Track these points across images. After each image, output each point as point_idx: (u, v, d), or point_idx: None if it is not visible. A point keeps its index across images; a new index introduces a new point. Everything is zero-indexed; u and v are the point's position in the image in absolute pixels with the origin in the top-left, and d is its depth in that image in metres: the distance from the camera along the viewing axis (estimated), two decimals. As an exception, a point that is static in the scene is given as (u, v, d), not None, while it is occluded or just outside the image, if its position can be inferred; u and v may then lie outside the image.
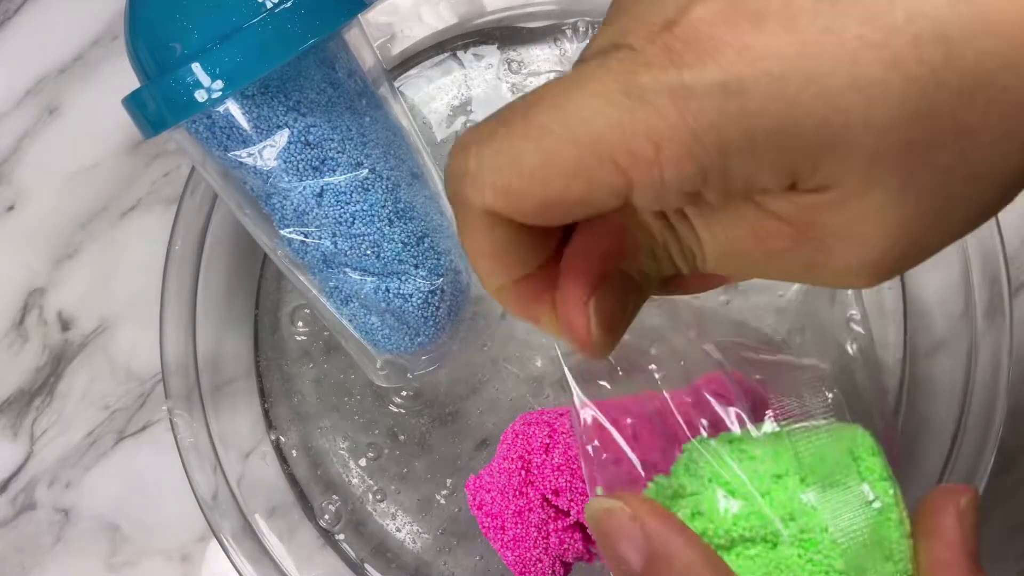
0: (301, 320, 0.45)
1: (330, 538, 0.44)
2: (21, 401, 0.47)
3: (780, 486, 0.29)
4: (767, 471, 0.29)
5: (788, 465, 0.29)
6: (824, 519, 0.28)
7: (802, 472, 0.29)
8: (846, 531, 0.29)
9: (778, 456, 0.30)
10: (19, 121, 0.48)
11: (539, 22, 0.46)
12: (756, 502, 0.28)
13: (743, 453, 0.30)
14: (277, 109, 0.34)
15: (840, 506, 0.29)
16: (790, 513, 0.28)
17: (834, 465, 0.30)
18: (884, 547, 0.29)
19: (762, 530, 0.28)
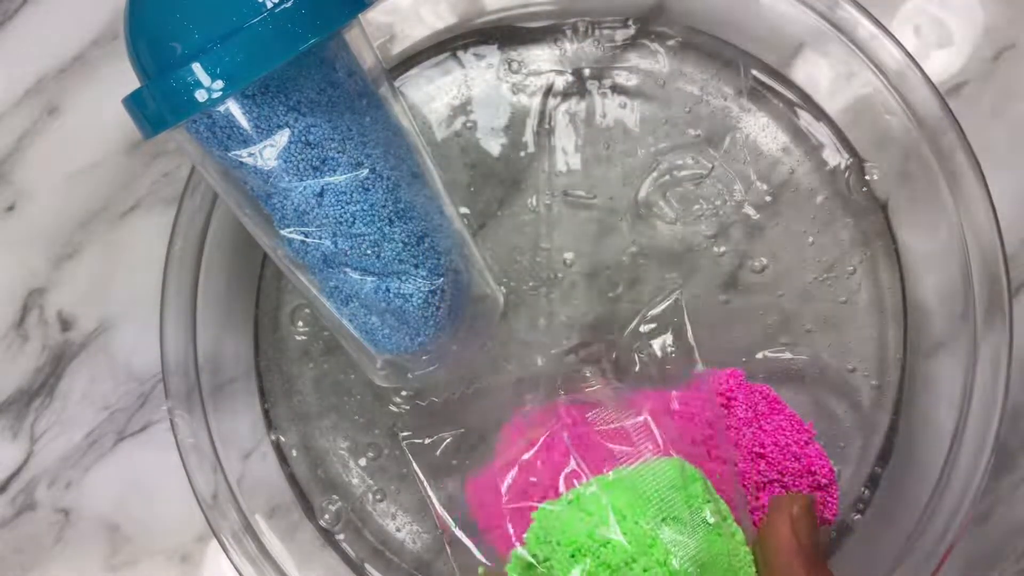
0: (301, 320, 0.45)
1: (330, 538, 0.44)
2: (21, 401, 0.47)
3: (618, 533, 0.32)
4: (603, 520, 0.33)
5: (624, 510, 0.33)
6: (663, 551, 0.32)
7: (636, 513, 0.33)
8: (684, 558, 0.32)
9: (615, 503, 0.33)
10: (19, 121, 0.48)
11: (539, 22, 0.46)
12: (600, 553, 0.32)
13: (582, 511, 0.33)
14: (277, 109, 0.34)
15: (675, 535, 0.32)
16: (632, 556, 0.32)
17: (665, 498, 0.33)
18: (722, 560, 0.33)
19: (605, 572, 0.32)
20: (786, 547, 0.34)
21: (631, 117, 0.45)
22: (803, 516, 0.35)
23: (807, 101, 0.45)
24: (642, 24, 0.46)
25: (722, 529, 0.34)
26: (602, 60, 0.46)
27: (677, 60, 0.46)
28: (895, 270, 0.44)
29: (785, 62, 0.45)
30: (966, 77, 0.47)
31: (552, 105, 0.45)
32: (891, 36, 0.42)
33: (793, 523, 0.34)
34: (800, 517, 0.35)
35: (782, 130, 0.45)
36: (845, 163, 0.45)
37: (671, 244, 0.44)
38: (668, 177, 0.45)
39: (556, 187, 0.45)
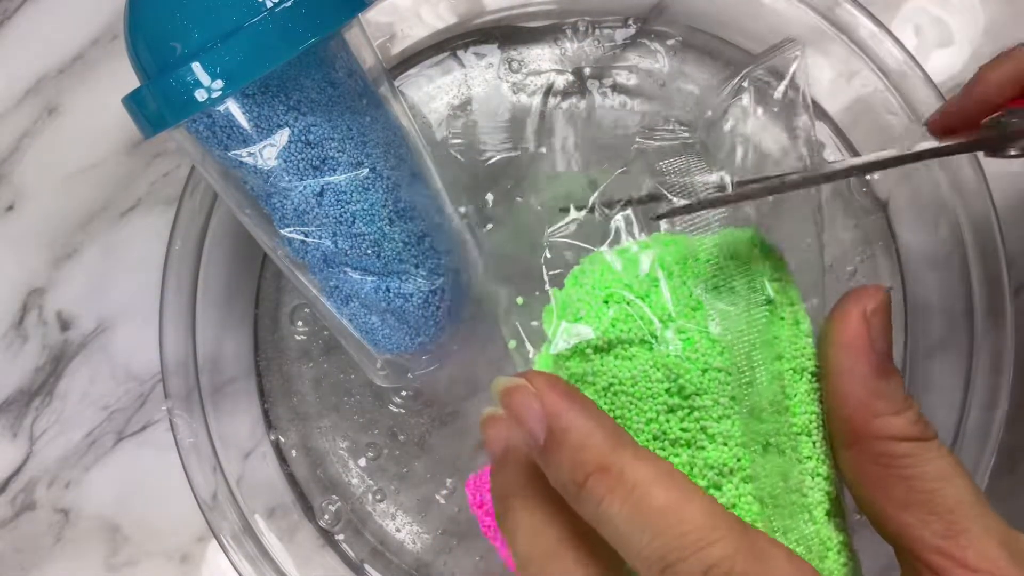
0: (301, 320, 0.45)
1: (330, 538, 0.44)
2: (20, 401, 0.47)
3: (663, 288, 0.29)
4: (647, 275, 0.30)
5: (673, 268, 0.30)
6: (705, 318, 0.29)
7: (686, 274, 0.30)
8: (729, 329, 0.29)
9: (663, 259, 0.30)
10: (19, 121, 0.48)
11: (539, 21, 0.46)
12: (635, 305, 0.29)
13: (627, 259, 0.30)
14: (277, 108, 0.34)
15: (724, 305, 0.29)
16: (668, 314, 0.29)
17: (722, 265, 0.30)
18: (776, 345, 0.29)
19: (639, 332, 0.29)
20: (854, 343, 0.28)
21: (631, 117, 0.45)
22: (880, 312, 0.29)
23: (807, 101, 0.45)
24: (642, 24, 0.46)
25: (784, 313, 0.30)
26: (602, 60, 0.46)
27: (677, 60, 0.46)
28: (896, 270, 0.44)
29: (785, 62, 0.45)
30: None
31: (552, 104, 0.45)
32: (891, 36, 0.42)
33: (867, 317, 0.28)
34: (877, 312, 0.28)
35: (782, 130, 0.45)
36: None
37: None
38: (668, 177, 0.45)
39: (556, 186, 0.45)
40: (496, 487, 0.28)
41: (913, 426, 0.27)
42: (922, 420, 0.28)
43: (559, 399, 0.25)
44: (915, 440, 0.27)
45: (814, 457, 0.29)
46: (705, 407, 0.28)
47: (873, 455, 0.28)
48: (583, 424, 0.25)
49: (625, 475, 0.24)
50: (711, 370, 0.28)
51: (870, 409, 0.28)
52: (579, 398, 0.26)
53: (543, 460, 0.26)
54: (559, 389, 0.26)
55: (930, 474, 0.27)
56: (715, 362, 0.28)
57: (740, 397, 0.28)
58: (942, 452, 0.27)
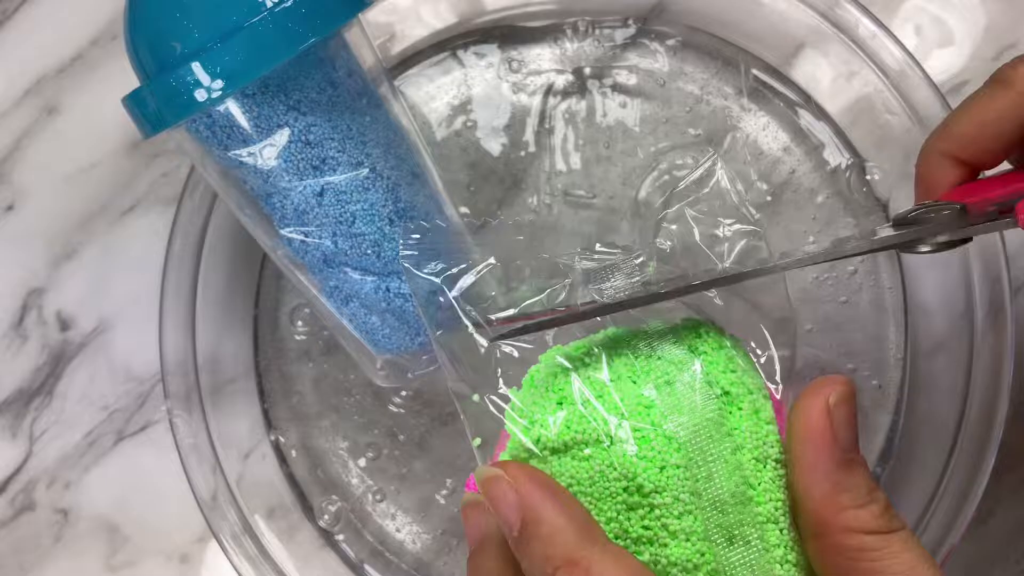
0: (301, 320, 0.45)
1: (330, 538, 0.44)
2: (20, 401, 0.47)
3: (614, 388, 0.30)
4: (599, 376, 0.30)
5: (623, 368, 0.30)
6: (659, 416, 0.29)
7: (636, 373, 0.30)
8: (683, 425, 0.29)
9: (613, 360, 0.31)
10: (18, 121, 0.48)
11: (539, 21, 0.46)
12: (589, 406, 0.29)
13: (579, 360, 0.31)
14: (277, 108, 0.34)
15: (677, 401, 0.29)
16: (622, 413, 0.29)
17: (673, 360, 0.30)
18: (735, 436, 0.29)
19: (594, 432, 0.29)
20: (817, 437, 0.28)
21: (631, 116, 0.45)
22: (842, 403, 0.28)
23: (808, 101, 0.45)
24: (642, 23, 0.46)
25: (742, 403, 0.30)
26: (602, 59, 0.46)
27: (677, 59, 0.46)
28: (896, 270, 0.44)
29: (785, 61, 0.45)
30: (967, 76, 0.47)
31: (552, 104, 0.45)
32: (892, 35, 0.42)
33: (829, 410, 0.28)
34: (839, 404, 0.28)
35: (782, 130, 0.45)
36: (846, 163, 0.45)
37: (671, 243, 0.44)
38: (668, 177, 0.45)
39: (556, 187, 0.45)
40: (471, 571, 0.29)
41: (879, 519, 0.27)
42: (888, 512, 0.28)
43: (534, 490, 0.27)
44: (881, 533, 0.27)
45: (782, 544, 0.29)
46: (665, 504, 0.28)
47: (839, 548, 0.28)
48: (554, 517, 0.26)
49: (592, 571, 0.25)
50: (668, 467, 0.28)
51: (835, 503, 0.28)
52: (554, 490, 0.27)
53: (517, 550, 0.27)
54: (535, 480, 0.27)
55: (897, 566, 0.27)
56: (672, 459, 0.29)
57: (700, 492, 0.29)
58: (909, 544, 0.27)
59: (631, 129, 0.45)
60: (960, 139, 0.32)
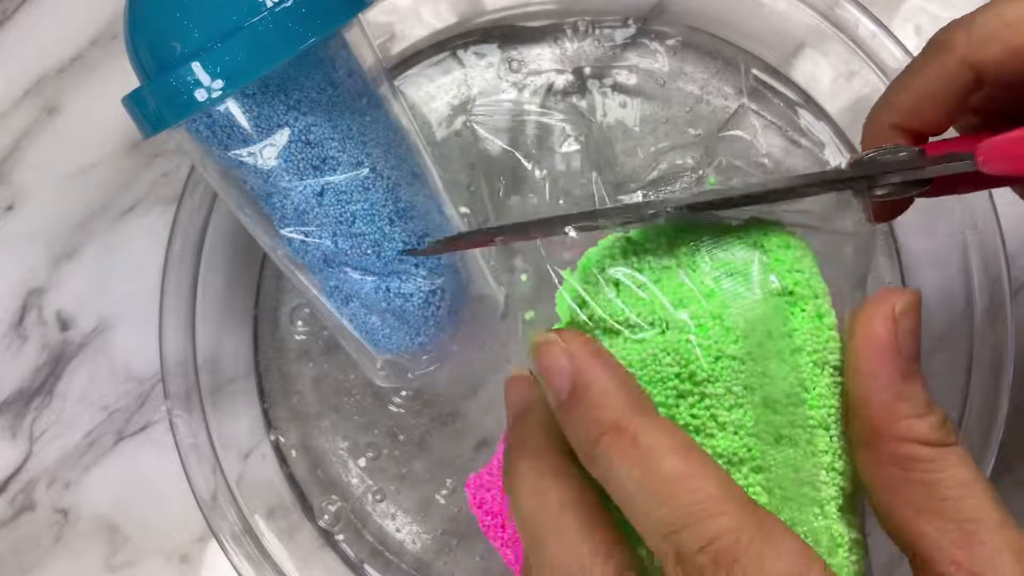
0: (301, 320, 0.45)
1: (330, 538, 0.44)
2: (20, 401, 0.47)
3: (673, 274, 0.28)
4: (659, 261, 0.29)
5: (684, 256, 0.29)
6: (719, 305, 0.28)
7: (697, 262, 0.29)
8: (744, 317, 0.28)
9: (676, 247, 0.29)
10: (18, 121, 0.48)
11: (539, 21, 0.46)
12: (646, 289, 0.28)
13: (639, 245, 0.30)
14: (278, 108, 0.34)
15: (740, 292, 0.28)
16: (680, 299, 0.28)
17: (740, 255, 0.29)
18: (795, 337, 0.28)
19: (650, 316, 0.28)
20: (880, 344, 0.27)
21: (631, 116, 0.45)
22: (908, 312, 0.27)
23: (808, 100, 0.45)
24: (642, 23, 0.46)
25: (806, 305, 0.29)
26: (602, 59, 0.46)
27: (677, 59, 0.46)
28: (896, 269, 0.44)
29: (785, 61, 0.45)
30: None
31: (552, 104, 0.45)
32: (892, 35, 0.42)
33: (895, 318, 0.27)
34: (906, 313, 0.27)
35: (782, 130, 0.45)
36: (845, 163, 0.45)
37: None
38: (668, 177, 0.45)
39: (556, 187, 0.45)
40: (509, 445, 0.27)
41: (936, 431, 0.26)
42: (946, 426, 0.27)
43: (587, 356, 0.25)
44: (938, 445, 0.26)
45: (830, 451, 0.28)
46: (717, 395, 0.27)
47: (893, 457, 0.26)
48: (605, 382, 0.25)
49: (639, 439, 0.24)
50: (724, 358, 0.27)
51: (893, 411, 0.27)
52: (607, 358, 0.26)
53: (562, 417, 0.25)
54: (589, 347, 0.26)
55: (951, 480, 0.26)
56: (728, 350, 0.27)
57: (753, 387, 0.28)
58: (965, 460, 0.26)
59: (631, 129, 0.45)
60: (903, 110, 0.32)
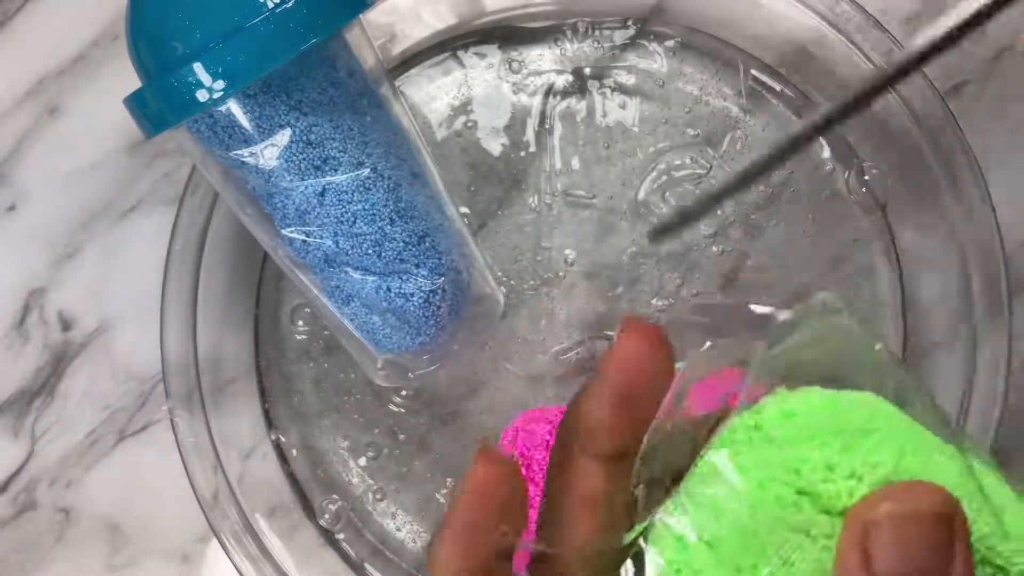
0: (301, 319, 0.45)
1: (330, 538, 0.44)
2: (21, 401, 0.47)
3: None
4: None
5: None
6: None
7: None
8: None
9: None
10: (19, 121, 0.48)
11: (539, 22, 0.46)
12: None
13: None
14: (279, 108, 0.34)
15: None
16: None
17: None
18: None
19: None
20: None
21: (631, 117, 0.45)
22: (894, 524, 0.20)
23: (807, 101, 0.45)
24: (641, 24, 0.46)
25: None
26: (602, 60, 0.46)
27: (676, 60, 0.46)
28: (894, 270, 0.44)
29: (784, 62, 0.45)
30: (966, 77, 0.47)
31: (552, 105, 0.45)
32: (890, 36, 0.42)
33: (868, 535, 0.20)
34: (888, 522, 0.20)
35: (782, 130, 0.45)
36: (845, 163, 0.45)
37: (670, 243, 0.44)
38: (667, 177, 0.45)
39: (556, 187, 0.45)
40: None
41: None
42: None
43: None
44: None
45: None
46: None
47: None
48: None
49: None
50: None
51: None
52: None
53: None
54: None
55: None
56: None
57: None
58: None
59: (630, 129, 0.45)
60: None
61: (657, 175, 0.45)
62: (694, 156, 0.45)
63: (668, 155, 0.45)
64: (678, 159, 0.45)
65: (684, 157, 0.45)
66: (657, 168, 0.45)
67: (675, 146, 0.45)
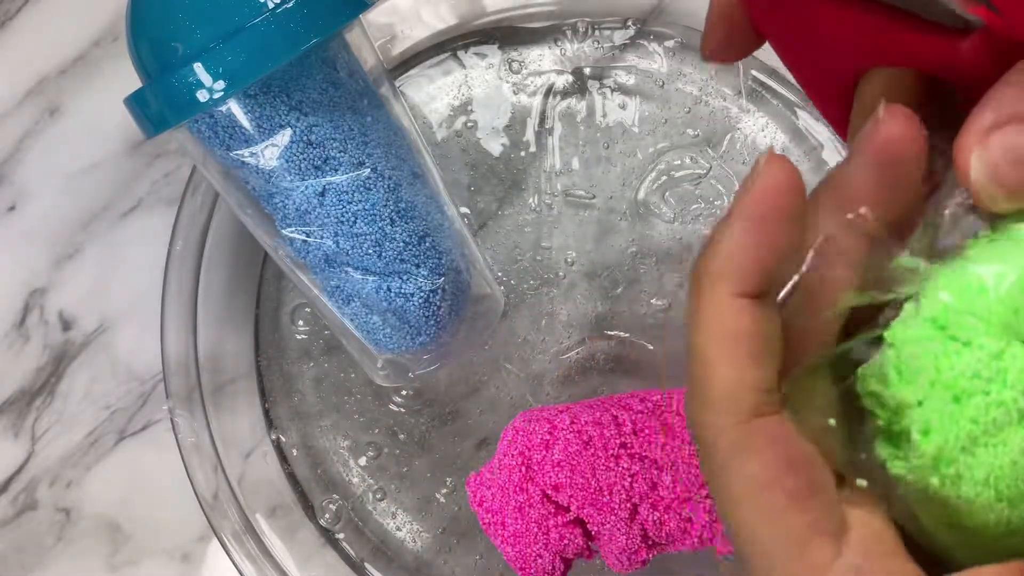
0: (302, 319, 0.45)
1: (330, 537, 0.45)
2: (22, 401, 0.47)
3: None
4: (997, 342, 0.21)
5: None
6: None
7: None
8: None
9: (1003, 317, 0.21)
10: (20, 121, 0.48)
11: (539, 22, 0.46)
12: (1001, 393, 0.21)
13: (952, 337, 0.21)
14: (279, 109, 0.34)
15: None
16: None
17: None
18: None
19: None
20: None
21: (630, 117, 0.45)
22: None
23: (806, 101, 0.45)
24: (641, 25, 0.46)
25: None
26: (602, 60, 0.46)
27: (676, 60, 0.46)
28: (894, 270, 0.44)
29: (784, 62, 0.45)
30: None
31: (552, 105, 0.45)
32: (890, 36, 0.42)
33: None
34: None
35: (781, 130, 0.45)
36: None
37: (670, 243, 0.44)
38: (667, 177, 0.45)
39: (556, 187, 0.45)
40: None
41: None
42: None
43: None
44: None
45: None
46: None
47: None
48: None
49: None
50: None
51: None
52: None
53: None
54: None
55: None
56: None
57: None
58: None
59: (630, 129, 0.45)
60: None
61: (657, 175, 0.45)
62: (694, 156, 0.45)
63: (668, 155, 0.45)
64: (678, 159, 0.45)
65: (684, 157, 0.45)
66: (657, 168, 0.45)
67: (675, 146, 0.45)
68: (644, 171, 0.45)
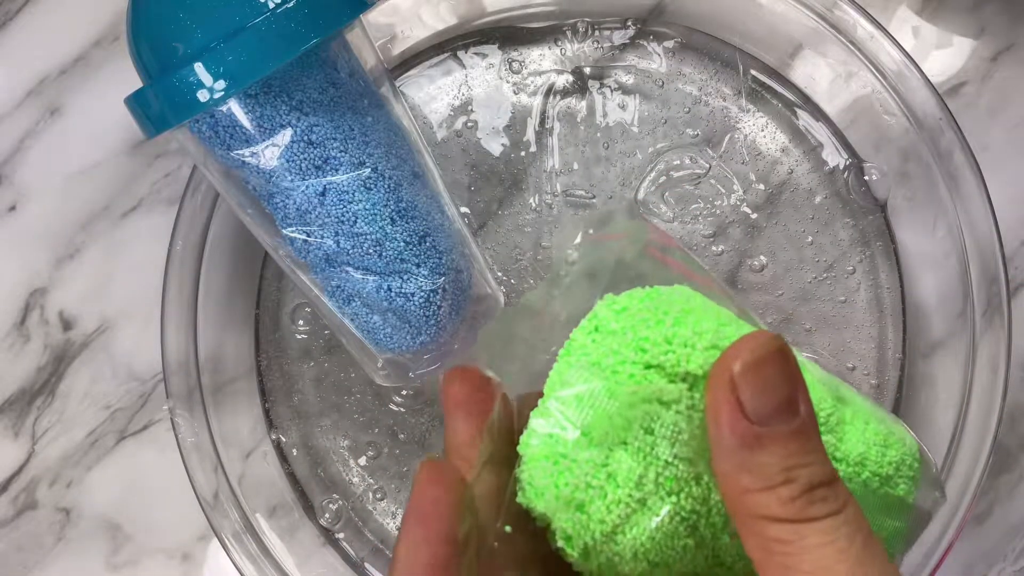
0: (302, 319, 0.45)
1: (330, 537, 0.45)
2: (22, 401, 0.47)
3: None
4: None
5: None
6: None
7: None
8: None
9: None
10: (20, 121, 0.48)
11: (539, 22, 0.46)
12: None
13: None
14: (280, 108, 0.34)
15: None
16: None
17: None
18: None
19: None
20: (718, 410, 0.23)
21: (630, 117, 0.45)
22: (754, 368, 0.23)
23: (806, 101, 0.45)
24: (641, 25, 0.46)
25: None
26: (602, 60, 0.46)
27: (676, 60, 0.46)
28: (894, 270, 0.44)
29: (784, 62, 0.45)
30: (965, 78, 0.47)
31: (552, 105, 0.45)
32: (890, 37, 0.42)
33: (732, 379, 0.23)
34: (748, 370, 0.23)
35: (781, 130, 0.45)
36: (844, 163, 0.45)
37: (669, 241, 0.44)
38: (666, 177, 0.45)
39: (556, 186, 0.45)
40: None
41: (787, 505, 0.22)
42: (808, 495, 0.22)
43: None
44: (794, 521, 0.22)
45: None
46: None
47: (751, 538, 0.23)
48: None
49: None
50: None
51: (735, 484, 0.23)
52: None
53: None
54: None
55: (807, 565, 0.22)
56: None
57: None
58: (830, 535, 0.22)
59: (630, 129, 0.45)
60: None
61: (656, 175, 0.45)
62: (693, 156, 0.45)
63: (667, 155, 0.45)
64: (677, 159, 0.45)
65: (683, 157, 0.45)
66: (656, 168, 0.45)
67: (674, 146, 0.45)
68: (644, 171, 0.45)
